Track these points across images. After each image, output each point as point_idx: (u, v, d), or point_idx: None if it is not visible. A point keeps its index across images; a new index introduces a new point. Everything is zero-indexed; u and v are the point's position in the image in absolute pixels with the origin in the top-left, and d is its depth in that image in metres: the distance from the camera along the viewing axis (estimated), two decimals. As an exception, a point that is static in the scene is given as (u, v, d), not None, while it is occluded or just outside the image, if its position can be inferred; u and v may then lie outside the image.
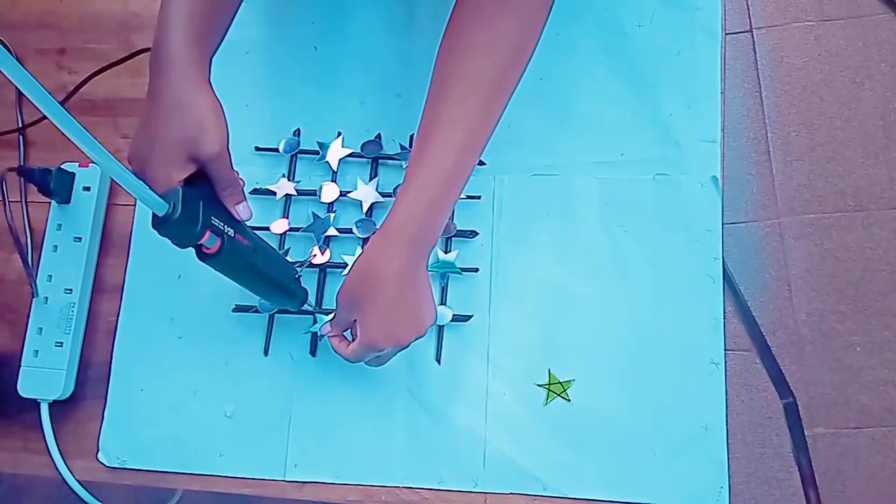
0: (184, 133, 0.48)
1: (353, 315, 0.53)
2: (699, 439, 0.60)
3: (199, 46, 0.50)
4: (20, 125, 0.72)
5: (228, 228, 0.50)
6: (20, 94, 0.73)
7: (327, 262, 0.65)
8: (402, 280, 0.51)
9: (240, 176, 0.53)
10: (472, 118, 0.51)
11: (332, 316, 0.57)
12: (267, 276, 0.55)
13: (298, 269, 0.60)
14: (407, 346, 0.54)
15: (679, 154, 0.65)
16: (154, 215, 0.45)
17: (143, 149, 0.49)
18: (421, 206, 0.50)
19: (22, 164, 0.71)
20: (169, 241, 0.47)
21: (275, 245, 0.65)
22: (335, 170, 0.67)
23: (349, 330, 0.55)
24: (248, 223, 0.54)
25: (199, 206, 0.47)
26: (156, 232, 0.46)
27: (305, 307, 0.61)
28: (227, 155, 0.50)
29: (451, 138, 0.50)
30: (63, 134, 0.36)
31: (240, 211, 0.52)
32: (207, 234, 0.48)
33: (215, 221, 0.48)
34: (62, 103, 0.69)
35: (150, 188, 0.44)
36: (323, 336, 0.60)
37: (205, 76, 0.50)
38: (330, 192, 0.66)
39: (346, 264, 0.64)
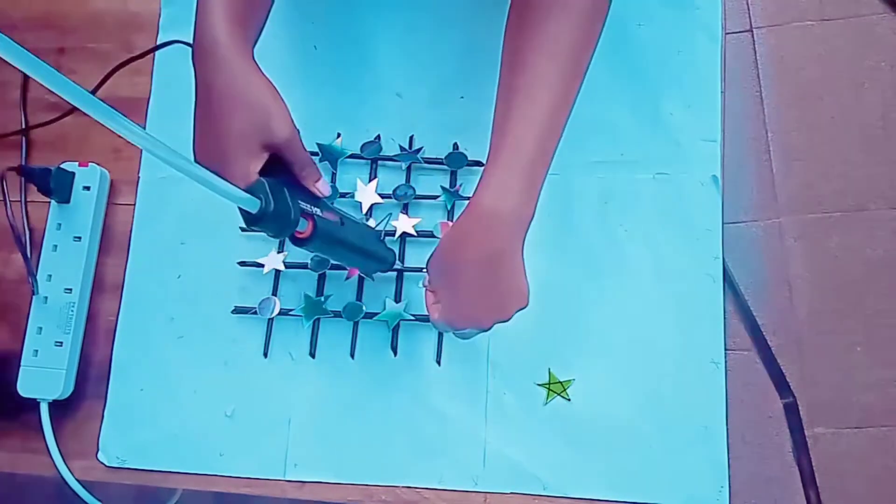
0: (252, 122, 0.45)
1: (439, 285, 0.51)
2: (699, 439, 0.60)
3: (241, 31, 0.47)
4: (24, 126, 0.72)
5: (315, 209, 0.48)
6: (24, 95, 0.73)
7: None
8: (490, 264, 0.47)
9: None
10: (553, 88, 0.47)
11: None
12: (358, 247, 0.54)
13: (383, 231, 0.60)
14: (490, 329, 0.50)
15: (679, 153, 0.65)
16: (246, 213, 0.43)
17: (211, 147, 0.46)
18: (512, 182, 0.46)
19: (23, 164, 0.71)
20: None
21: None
22: (334, 171, 0.67)
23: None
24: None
25: (286, 193, 0.45)
26: (248, 228, 0.45)
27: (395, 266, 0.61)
28: (298, 134, 0.48)
29: (533, 112, 0.47)
30: (130, 143, 0.33)
31: (320, 188, 0.50)
32: (300, 219, 0.46)
33: (303, 205, 0.47)
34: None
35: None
36: (421, 287, 0.61)
37: (252, 60, 0.47)
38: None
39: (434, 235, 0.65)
